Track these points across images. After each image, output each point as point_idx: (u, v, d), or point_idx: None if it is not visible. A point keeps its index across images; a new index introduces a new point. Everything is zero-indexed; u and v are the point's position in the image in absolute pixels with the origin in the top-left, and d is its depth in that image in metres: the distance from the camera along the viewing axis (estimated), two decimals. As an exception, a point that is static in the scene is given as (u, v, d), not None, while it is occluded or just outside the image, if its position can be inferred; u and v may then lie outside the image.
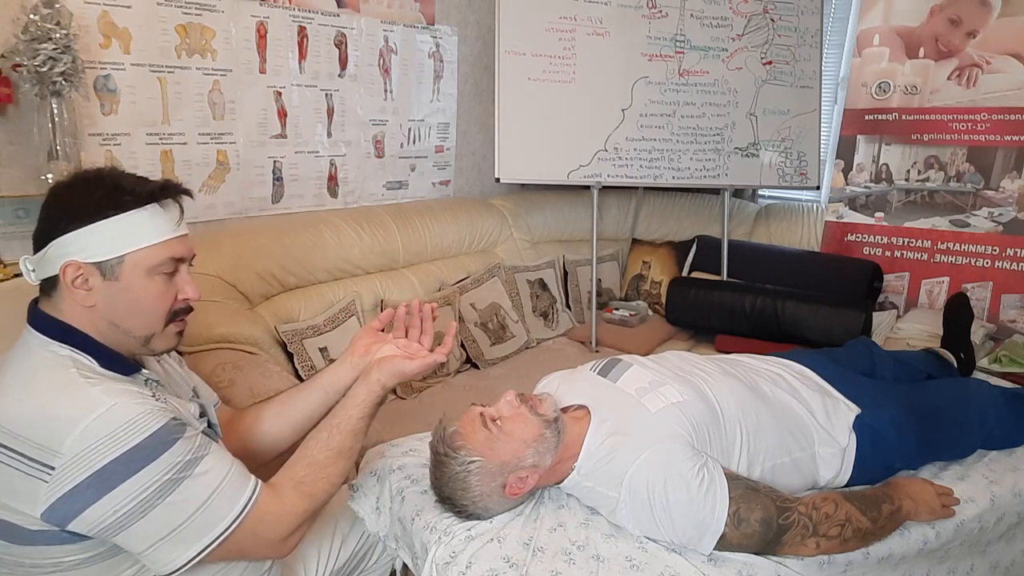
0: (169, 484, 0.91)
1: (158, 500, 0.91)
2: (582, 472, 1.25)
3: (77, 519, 0.89)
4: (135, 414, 0.90)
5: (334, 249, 2.33)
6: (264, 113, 2.32)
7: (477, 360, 2.56)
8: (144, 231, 0.98)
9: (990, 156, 2.71)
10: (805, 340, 2.46)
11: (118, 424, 0.89)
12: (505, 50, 2.66)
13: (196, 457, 0.94)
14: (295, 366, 2.04)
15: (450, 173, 3.07)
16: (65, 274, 0.95)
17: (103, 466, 0.88)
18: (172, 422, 0.94)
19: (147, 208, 0.98)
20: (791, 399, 1.46)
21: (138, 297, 0.99)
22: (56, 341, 0.96)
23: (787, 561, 1.18)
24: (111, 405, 0.90)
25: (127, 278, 0.98)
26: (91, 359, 0.97)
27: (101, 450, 0.88)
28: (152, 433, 0.91)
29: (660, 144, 2.89)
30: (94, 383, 0.92)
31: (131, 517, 0.90)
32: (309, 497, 1.06)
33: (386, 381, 1.14)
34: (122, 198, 0.96)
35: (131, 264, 0.98)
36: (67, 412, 0.89)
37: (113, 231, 0.96)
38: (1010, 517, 1.44)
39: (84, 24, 1.82)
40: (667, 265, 3.27)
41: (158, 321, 1.02)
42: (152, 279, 1.00)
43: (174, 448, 0.92)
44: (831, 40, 3.27)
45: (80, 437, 0.87)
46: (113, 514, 0.89)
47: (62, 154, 1.71)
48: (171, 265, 1.01)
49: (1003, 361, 2.35)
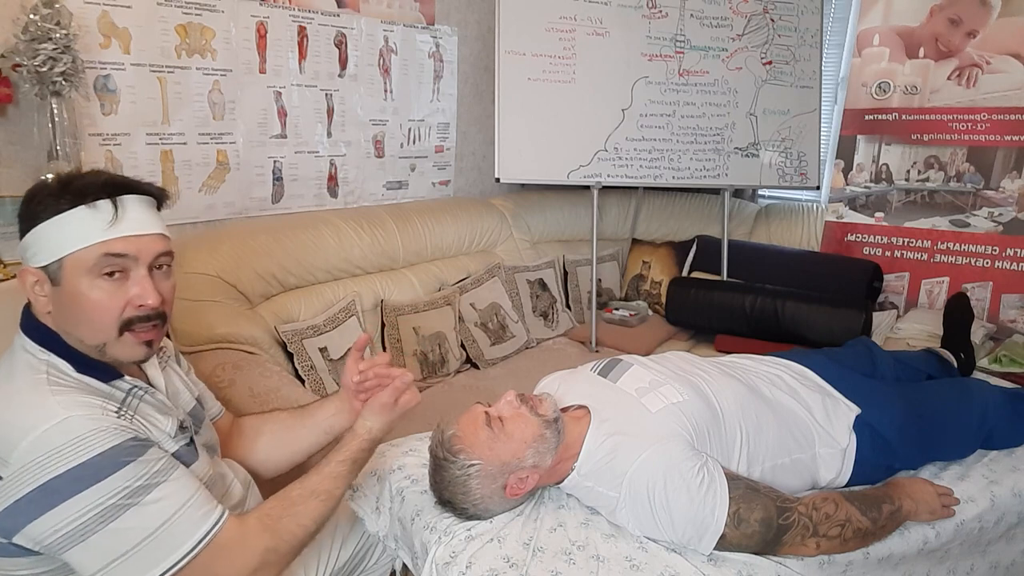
0: (114, 509, 0.86)
1: (100, 525, 0.85)
2: (582, 472, 1.25)
3: (20, 533, 0.86)
4: (86, 430, 0.86)
5: (334, 249, 2.33)
6: (264, 113, 2.32)
7: (477, 360, 2.56)
8: (77, 231, 0.92)
9: (990, 156, 2.71)
10: (805, 340, 2.46)
11: (66, 439, 0.85)
12: (505, 50, 2.66)
13: (150, 484, 0.89)
14: (295, 366, 2.04)
15: (450, 173, 3.07)
16: (24, 280, 0.94)
17: (46, 481, 0.84)
18: (128, 442, 0.89)
19: (81, 208, 0.92)
20: (791, 399, 1.46)
21: (81, 302, 0.93)
22: (36, 344, 0.94)
23: (787, 561, 1.18)
24: (63, 418, 0.85)
25: (69, 282, 0.93)
26: (68, 363, 0.94)
27: (45, 464, 0.84)
28: (101, 452, 0.86)
29: (660, 144, 2.89)
30: (57, 391, 0.89)
31: (72, 539, 0.85)
32: (271, 532, 0.98)
33: (371, 424, 1.11)
34: (60, 199, 0.92)
35: (70, 267, 0.92)
36: (20, 421, 0.86)
37: (50, 233, 0.92)
38: (1010, 517, 1.44)
39: (84, 24, 1.82)
40: (667, 265, 3.27)
41: (108, 329, 0.95)
42: (94, 283, 0.93)
43: (124, 471, 0.87)
44: (831, 40, 3.27)
45: (28, 448, 0.84)
46: (54, 533, 0.85)
47: (62, 154, 1.71)
48: (110, 265, 0.93)
49: (1003, 361, 2.35)
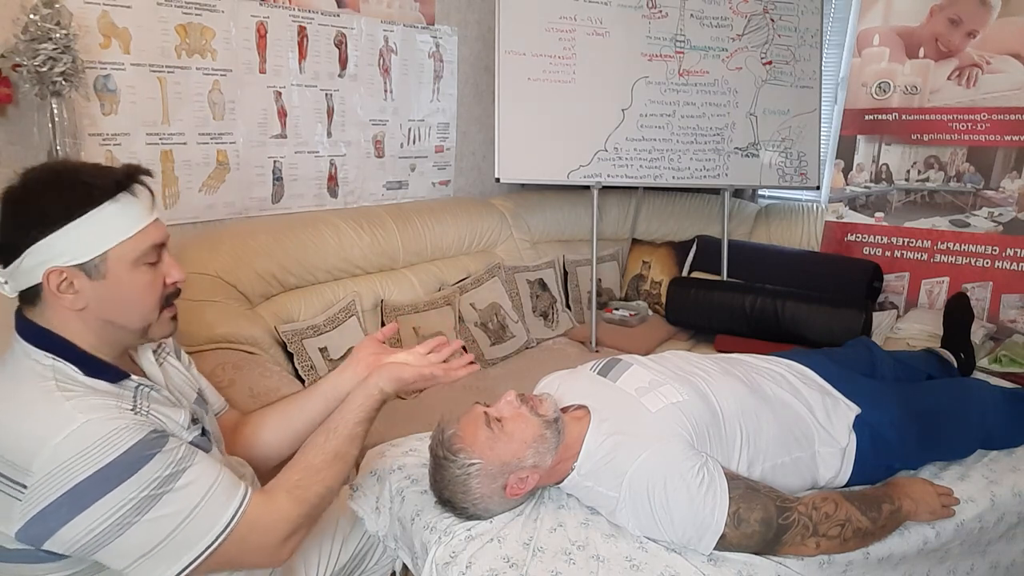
0: (148, 500, 0.88)
1: (136, 517, 0.88)
2: (582, 472, 1.25)
3: (52, 538, 0.86)
4: (109, 430, 0.87)
5: (334, 249, 2.33)
6: (264, 113, 2.32)
7: (477, 360, 2.55)
8: (120, 224, 0.95)
9: (990, 156, 2.71)
10: (805, 340, 2.46)
11: (91, 441, 0.86)
12: (505, 50, 2.66)
13: (177, 470, 0.92)
14: (295, 366, 2.04)
15: (450, 173, 3.07)
16: (49, 281, 0.92)
17: (76, 484, 0.85)
18: (151, 435, 0.91)
19: (118, 199, 0.94)
20: (791, 399, 1.46)
21: (129, 291, 0.97)
22: (40, 350, 0.93)
23: (787, 561, 1.18)
24: (84, 422, 0.86)
25: (114, 274, 0.95)
26: (75, 368, 0.93)
27: (73, 468, 0.85)
28: (127, 449, 0.88)
29: (660, 144, 2.89)
30: (70, 397, 0.89)
31: (108, 535, 0.87)
32: (303, 502, 1.03)
33: (384, 386, 1.15)
34: (90, 193, 0.93)
35: (115, 259, 0.95)
36: (37, 430, 0.86)
37: (89, 229, 0.92)
38: (1010, 517, 1.44)
39: (84, 24, 1.82)
40: (667, 265, 3.27)
41: (152, 310, 1.01)
42: (139, 269, 0.97)
43: (152, 463, 0.89)
44: (831, 40, 3.27)
45: (50, 456, 0.85)
46: (88, 533, 0.86)
47: (62, 154, 1.71)
48: (155, 253, 0.99)
49: (1003, 361, 2.35)
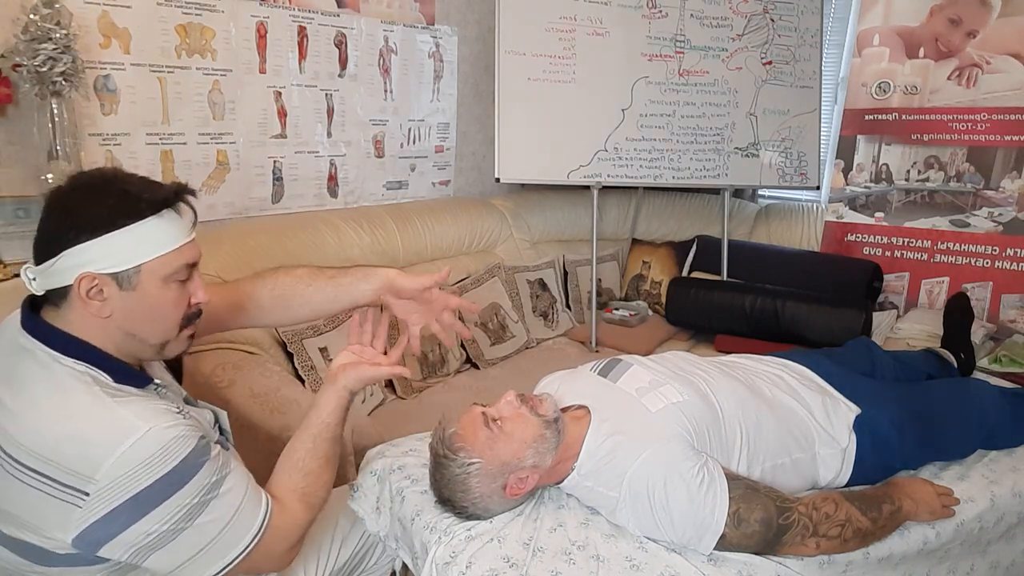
0: (198, 507, 0.93)
1: (187, 523, 0.92)
2: (582, 472, 1.25)
3: (110, 543, 0.89)
4: (169, 438, 0.90)
5: (334, 249, 2.33)
6: (264, 113, 2.32)
7: (477, 360, 2.56)
8: (160, 239, 0.96)
9: (990, 156, 2.71)
10: (805, 340, 2.46)
11: (154, 450, 0.89)
12: (505, 50, 2.66)
13: (220, 477, 0.96)
14: (295, 366, 2.04)
15: (450, 173, 3.07)
16: (80, 286, 0.92)
17: (139, 492, 0.88)
18: (200, 443, 0.94)
19: (162, 215, 0.96)
20: (791, 399, 1.45)
21: (155, 305, 0.98)
22: (68, 356, 0.93)
23: (787, 561, 1.18)
24: (147, 430, 0.89)
25: (144, 287, 0.96)
26: (105, 375, 0.94)
27: (137, 476, 0.88)
28: (184, 457, 0.91)
29: (660, 144, 2.89)
30: (121, 403, 0.91)
31: (162, 540, 0.91)
32: (312, 507, 1.10)
33: (352, 387, 1.17)
34: (136, 206, 0.94)
35: (148, 273, 0.96)
36: (101, 438, 0.88)
37: (130, 240, 0.93)
38: (1010, 517, 1.44)
39: (84, 24, 1.82)
40: (667, 265, 3.27)
41: (173, 328, 1.02)
42: (168, 286, 0.98)
43: (203, 470, 0.93)
44: (831, 40, 3.27)
45: (116, 464, 0.87)
46: (145, 537, 0.90)
47: (62, 154, 1.71)
48: (186, 272, 1.00)
49: (1003, 361, 2.35)
